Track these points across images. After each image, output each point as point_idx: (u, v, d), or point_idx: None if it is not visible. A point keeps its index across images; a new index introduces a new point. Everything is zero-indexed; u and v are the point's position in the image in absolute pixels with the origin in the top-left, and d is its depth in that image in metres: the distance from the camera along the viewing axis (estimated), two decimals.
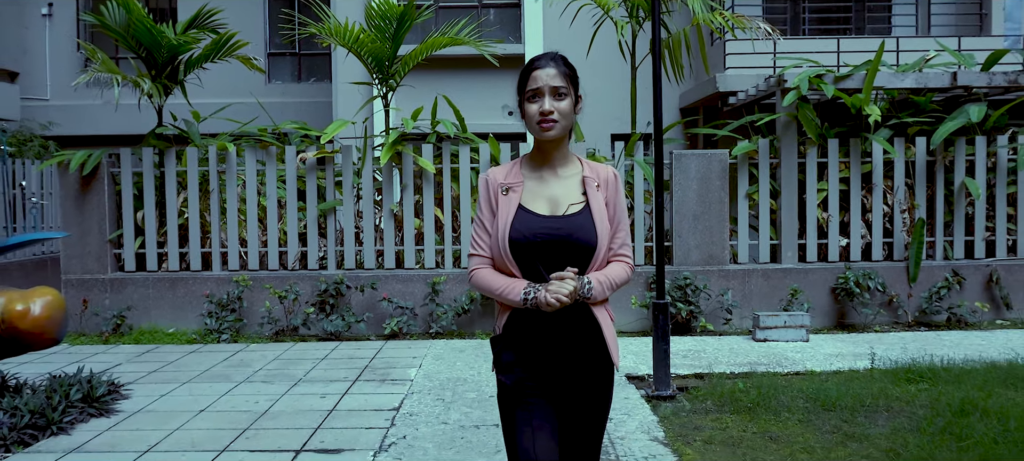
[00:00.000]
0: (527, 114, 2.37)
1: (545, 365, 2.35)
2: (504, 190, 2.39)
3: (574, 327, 2.34)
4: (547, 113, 2.31)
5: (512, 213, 2.34)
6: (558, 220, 2.33)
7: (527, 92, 2.36)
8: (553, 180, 2.40)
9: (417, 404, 5.47)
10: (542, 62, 2.37)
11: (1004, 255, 8.57)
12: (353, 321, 7.93)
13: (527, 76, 2.37)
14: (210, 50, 8.59)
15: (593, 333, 2.36)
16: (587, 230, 2.32)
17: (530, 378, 2.35)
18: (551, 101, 2.32)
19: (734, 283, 8.28)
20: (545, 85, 2.32)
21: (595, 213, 2.35)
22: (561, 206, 2.35)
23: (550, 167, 2.42)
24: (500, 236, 2.33)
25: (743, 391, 5.44)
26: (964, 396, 4.99)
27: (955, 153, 8.49)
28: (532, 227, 2.32)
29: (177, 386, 6.11)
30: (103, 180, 8.37)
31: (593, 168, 2.45)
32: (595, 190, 2.38)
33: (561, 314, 2.30)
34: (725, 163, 8.33)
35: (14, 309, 5.05)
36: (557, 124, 2.33)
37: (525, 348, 2.36)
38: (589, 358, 2.36)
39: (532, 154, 2.46)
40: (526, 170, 2.44)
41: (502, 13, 12.94)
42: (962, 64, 8.96)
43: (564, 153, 2.43)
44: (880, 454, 4.19)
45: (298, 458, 4.39)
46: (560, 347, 2.34)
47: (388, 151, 8.00)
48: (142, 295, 8.31)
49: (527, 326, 2.34)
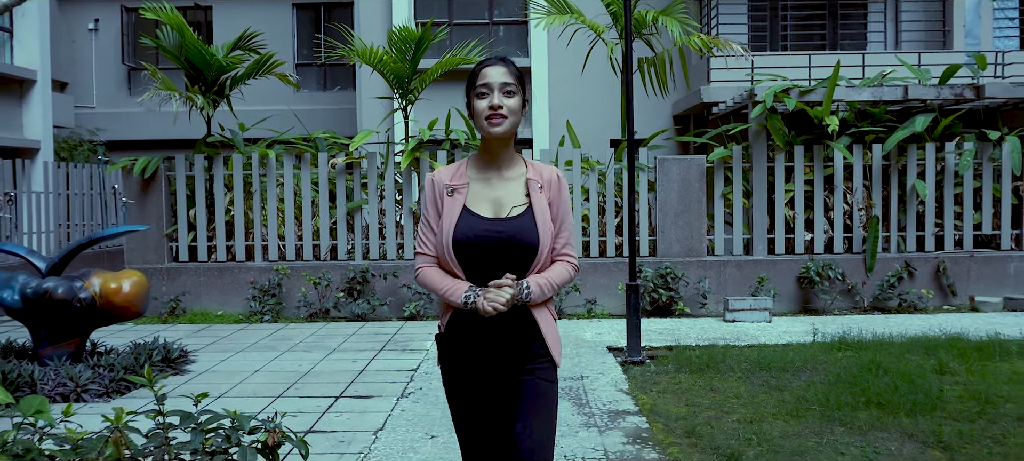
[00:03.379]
0: (475, 110, 2.39)
1: (487, 365, 2.40)
2: (449, 191, 2.42)
3: (514, 328, 2.38)
4: (496, 107, 2.34)
5: (457, 215, 2.37)
6: (501, 222, 2.36)
7: (476, 88, 2.39)
8: (498, 182, 2.43)
9: (431, 366, 6.69)
10: (491, 62, 2.42)
11: (951, 248, 9.66)
12: (377, 304, 9.16)
13: (476, 75, 2.41)
14: (252, 69, 9.86)
15: (532, 334, 2.40)
16: (529, 232, 2.35)
17: (471, 377, 2.42)
18: (500, 97, 2.35)
19: (710, 272, 9.43)
20: (494, 82, 2.36)
21: (537, 215, 2.37)
22: (505, 208, 2.38)
23: (496, 168, 2.44)
24: (444, 237, 2.37)
25: (699, 357, 6.61)
26: (872, 358, 6.14)
27: (907, 158, 9.60)
28: (475, 229, 2.35)
29: (232, 354, 7.36)
30: (160, 182, 9.65)
31: (537, 170, 2.47)
32: (538, 192, 2.41)
33: (502, 315, 2.34)
34: (703, 167, 9.49)
35: (109, 287, 6.31)
36: (505, 120, 2.36)
37: (467, 347, 2.41)
38: (529, 358, 2.40)
39: (478, 154, 2.49)
40: (472, 171, 2.47)
41: (510, 30, 14.17)
42: (920, 79, 10.06)
43: (510, 154, 2.46)
44: (793, 398, 5.35)
45: (338, 402, 5.62)
46: (501, 347, 2.39)
47: (408, 157, 9.24)
48: (194, 282, 9.58)
49: (469, 326, 2.39)
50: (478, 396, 2.43)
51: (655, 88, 10.21)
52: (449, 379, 2.48)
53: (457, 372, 2.45)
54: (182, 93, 9.43)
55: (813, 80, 11.09)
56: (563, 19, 9.56)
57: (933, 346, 6.72)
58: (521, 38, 14.06)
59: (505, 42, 14.05)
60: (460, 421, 2.48)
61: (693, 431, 4.71)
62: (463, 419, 2.47)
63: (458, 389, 2.45)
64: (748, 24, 13.23)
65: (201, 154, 9.74)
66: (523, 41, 14.01)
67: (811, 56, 11.62)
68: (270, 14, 16.89)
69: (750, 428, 4.73)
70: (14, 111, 13.12)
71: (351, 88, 16.84)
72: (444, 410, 5.31)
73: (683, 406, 5.30)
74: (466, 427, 2.47)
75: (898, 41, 13.02)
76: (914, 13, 13.17)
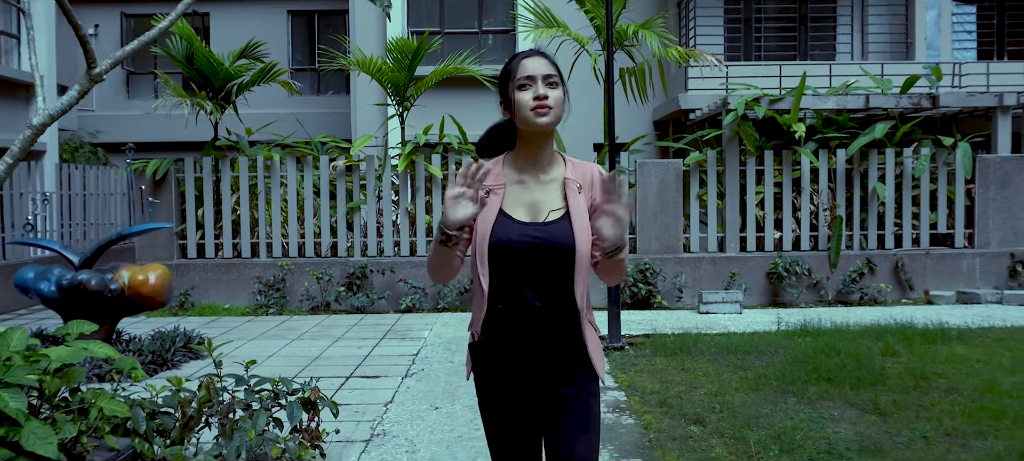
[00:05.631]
0: (518, 103, 2.24)
1: (526, 375, 2.28)
2: (485, 191, 2.28)
3: (557, 338, 2.27)
4: (542, 97, 2.21)
5: (493, 218, 2.25)
6: (538, 227, 2.24)
7: (517, 81, 2.25)
8: (535, 184, 2.30)
9: (430, 352, 7.34)
10: (529, 53, 2.29)
11: (909, 246, 10.42)
12: (375, 298, 9.80)
13: (516, 66, 2.27)
14: (257, 76, 10.47)
15: (576, 345, 2.28)
16: (567, 236, 2.22)
17: (509, 389, 2.30)
18: (544, 87, 2.23)
19: (686, 268, 10.14)
20: (537, 73, 2.23)
21: (575, 219, 2.24)
22: (542, 212, 2.26)
23: (534, 168, 2.31)
24: (480, 240, 2.25)
25: (673, 343, 7.30)
26: (827, 342, 6.86)
27: (869, 162, 10.35)
28: (511, 234, 2.23)
29: (245, 342, 7.97)
30: (170, 183, 10.24)
31: (578, 168, 2.34)
32: (577, 193, 2.28)
33: (546, 323, 2.25)
34: (680, 170, 10.20)
35: (137, 279, 6.91)
36: (551, 110, 2.22)
37: (504, 356, 2.29)
38: (572, 370, 2.29)
39: (516, 152, 2.34)
40: (509, 171, 2.33)
41: (499, 39, 14.85)
42: (882, 89, 10.81)
43: (550, 152, 2.33)
44: (754, 375, 6.05)
45: (349, 381, 6.26)
46: (542, 356, 2.27)
47: (404, 160, 9.88)
48: (202, 277, 10.18)
49: (506, 332, 2.27)
50: (516, 410, 2.31)
51: (635, 96, 10.88)
52: (484, 391, 2.35)
53: (493, 383, 2.32)
54: (192, 99, 10.03)
55: (784, 89, 11.84)
56: (550, 32, 10.23)
57: (883, 333, 7.44)
58: (509, 47, 14.74)
59: (494, 51, 14.72)
60: (495, 436, 2.36)
61: (665, 402, 5.39)
62: (498, 434, 2.35)
63: (494, 401, 2.33)
64: (724, 35, 13.97)
65: (209, 157, 10.33)
66: (511, 50, 14.68)
67: (782, 66, 12.36)
68: (266, 21, 17.47)
69: (715, 399, 5.42)
70: (20, 114, 13.63)
71: (345, 92, 17.44)
72: (445, 387, 5.97)
73: (657, 383, 5.98)
74: (501, 443, 2.35)
75: (865, 52, 13.80)
76: (879, 26, 13.96)
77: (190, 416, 3.09)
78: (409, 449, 4.54)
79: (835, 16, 14.29)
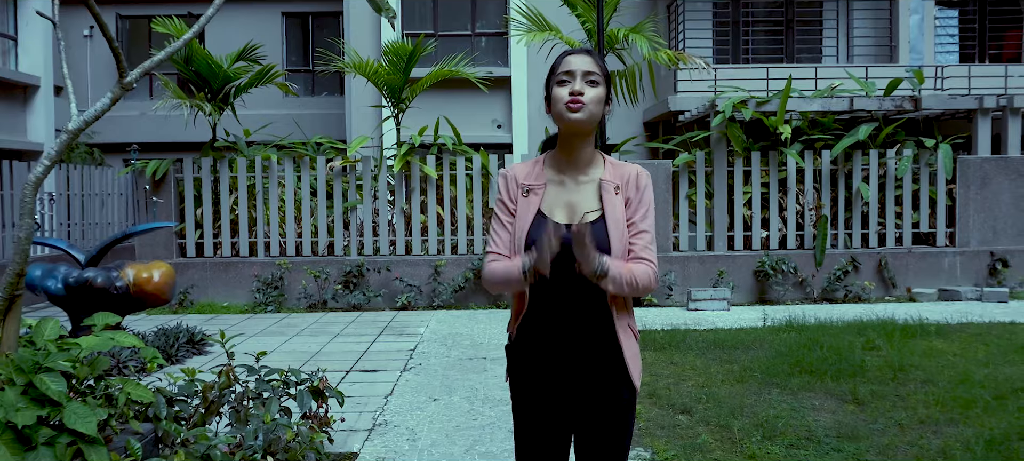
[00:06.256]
0: (554, 97, 2.23)
1: (559, 380, 2.27)
2: (524, 191, 2.29)
3: (594, 344, 2.25)
4: (577, 93, 2.19)
5: (531, 218, 2.25)
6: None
7: (557, 75, 2.24)
8: (573, 185, 2.29)
9: (427, 347, 7.56)
10: (576, 51, 2.28)
11: (892, 245, 10.70)
12: (372, 296, 10.00)
13: (558, 63, 2.26)
14: (255, 78, 10.66)
15: (614, 353, 2.25)
16: (601, 239, 2.20)
17: (544, 392, 2.29)
18: (582, 83, 2.20)
19: (676, 266, 10.38)
20: (577, 69, 2.21)
21: (610, 222, 2.22)
22: (578, 214, 2.24)
23: (573, 168, 2.29)
24: (518, 240, 2.25)
25: (662, 338, 7.54)
26: (811, 337, 7.12)
27: (853, 163, 10.62)
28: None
29: (246, 338, 8.17)
30: (170, 183, 10.42)
31: (616, 170, 2.31)
32: (613, 194, 2.26)
33: (582, 328, 2.24)
34: (669, 171, 10.45)
35: (141, 276, 7.10)
36: (585, 107, 2.19)
37: (539, 359, 2.28)
38: (608, 379, 2.26)
39: (556, 152, 2.34)
40: (549, 171, 2.32)
41: (491, 41, 15.08)
42: (866, 91, 11.09)
43: (590, 152, 2.30)
44: (740, 368, 6.29)
45: (349, 375, 6.47)
46: (578, 361, 2.25)
47: (399, 161, 10.10)
48: (201, 276, 10.36)
49: (543, 334, 2.27)
50: (548, 411, 2.30)
51: (626, 98, 11.14)
52: (518, 390, 2.35)
53: (528, 386, 2.32)
54: (191, 101, 10.22)
55: (771, 91, 12.11)
56: (542, 36, 10.47)
57: (865, 328, 7.70)
58: (502, 49, 14.97)
59: (487, 53, 14.95)
60: (525, 435, 2.36)
61: (654, 393, 5.63)
62: (528, 433, 2.35)
63: (527, 401, 2.32)
64: (713, 38, 14.25)
65: (208, 157, 10.51)
66: (504, 52, 14.92)
67: (769, 69, 12.64)
68: (261, 22, 17.65)
69: (701, 390, 5.66)
70: (18, 115, 13.79)
71: (339, 93, 17.64)
72: (442, 380, 6.19)
73: (647, 375, 6.21)
74: (530, 443, 2.35)
75: (850, 55, 14.10)
76: (864, 29, 14.27)
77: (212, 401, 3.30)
78: (410, 437, 4.76)
79: (821, 19, 14.59)
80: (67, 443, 2.53)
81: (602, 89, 2.24)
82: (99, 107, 2.73)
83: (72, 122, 2.74)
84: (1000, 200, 10.66)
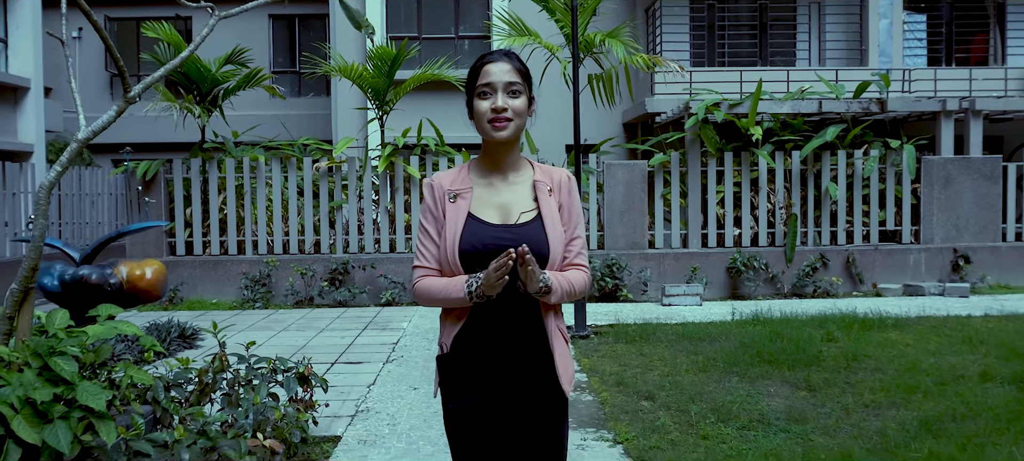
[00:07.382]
0: (477, 112, 2.19)
1: (494, 390, 2.21)
2: (452, 197, 2.23)
3: (527, 351, 2.21)
4: (500, 110, 2.15)
5: (462, 222, 2.19)
6: (510, 229, 2.19)
7: (477, 88, 2.19)
8: (503, 186, 2.25)
9: (409, 341, 7.89)
10: (495, 57, 2.21)
11: (859, 242, 11.11)
12: (357, 292, 10.32)
13: (478, 71, 2.21)
14: (243, 81, 10.96)
15: (545, 362, 2.22)
16: (540, 240, 2.17)
17: (479, 405, 2.22)
18: (504, 97, 2.16)
19: (651, 263, 10.76)
20: (498, 81, 2.17)
21: (547, 221, 2.20)
22: (512, 214, 2.21)
23: (500, 172, 2.26)
24: (449, 247, 2.18)
25: (634, 332, 7.91)
26: (774, 330, 7.50)
27: (822, 163, 11.03)
28: (483, 237, 2.17)
29: (236, 333, 8.47)
30: (160, 184, 10.70)
31: (546, 172, 2.30)
32: (547, 195, 2.24)
33: (514, 335, 2.20)
34: (645, 171, 10.82)
35: (135, 273, 7.38)
36: (510, 123, 2.16)
37: (474, 370, 2.22)
38: (540, 390, 2.23)
39: (481, 158, 2.29)
40: (475, 175, 2.28)
41: (474, 44, 15.43)
42: (836, 94, 11.50)
43: (515, 157, 2.27)
44: (705, 359, 6.66)
45: (334, 366, 6.80)
46: (509, 370, 2.21)
47: (384, 162, 10.42)
48: (190, 274, 10.65)
49: (476, 345, 2.21)
50: (483, 426, 2.23)
51: (603, 101, 11.49)
52: (451, 407, 2.26)
53: (460, 399, 2.24)
54: (181, 103, 10.50)
55: (745, 93, 12.50)
56: (523, 40, 10.80)
57: (826, 321, 8.09)
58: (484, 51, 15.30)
59: (470, 55, 15.27)
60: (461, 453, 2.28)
61: (622, 382, 5.99)
62: (464, 451, 2.27)
63: (461, 416, 2.25)
64: (689, 41, 14.63)
65: (197, 158, 10.80)
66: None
67: (743, 71, 13.04)
68: (248, 25, 17.90)
69: (666, 379, 6.02)
70: (8, 116, 14.00)
71: (325, 94, 17.93)
72: (423, 371, 6.53)
73: (617, 366, 6.57)
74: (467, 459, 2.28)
75: (822, 58, 14.53)
76: (836, 33, 14.70)
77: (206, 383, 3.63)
78: (390, 422, 5.10)
79: (795, 23, 15.01)
80: (79, 417, 2.85)
81: (525, 97, 2.21)
82: (106, 119, 3.05)
83: (81, 132, 3.05)
84: (963, 199, 11.09)
